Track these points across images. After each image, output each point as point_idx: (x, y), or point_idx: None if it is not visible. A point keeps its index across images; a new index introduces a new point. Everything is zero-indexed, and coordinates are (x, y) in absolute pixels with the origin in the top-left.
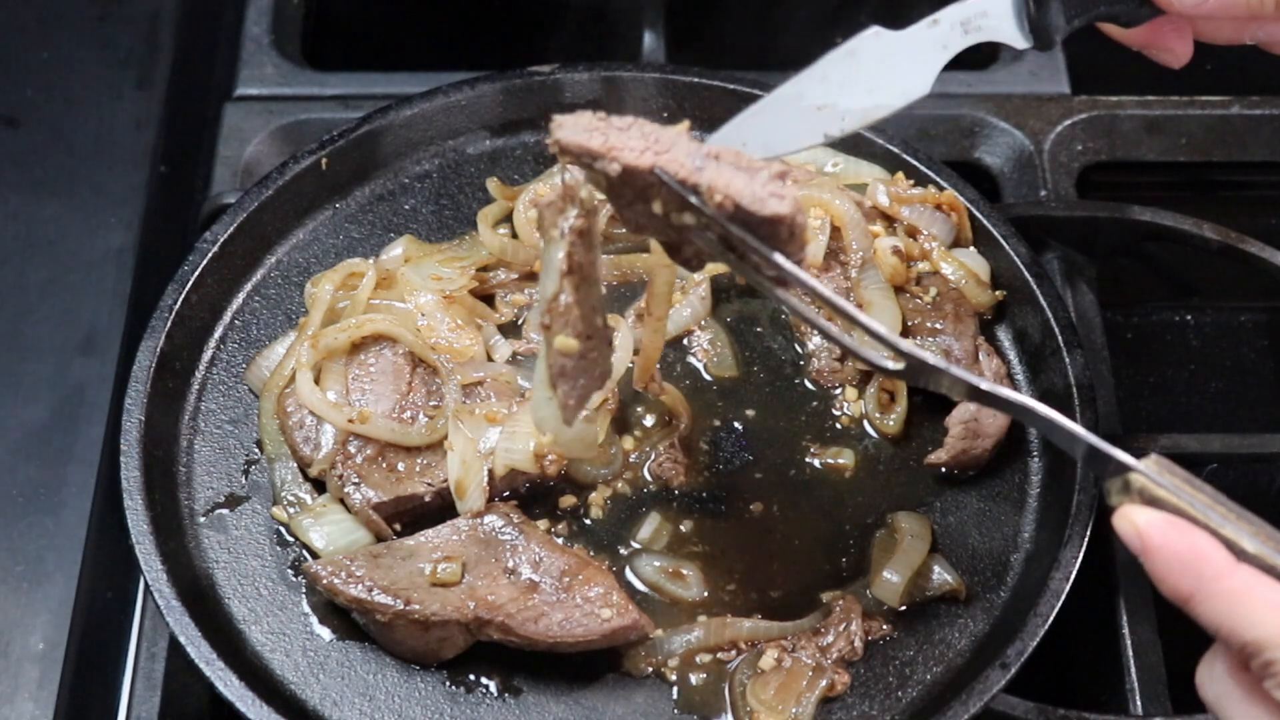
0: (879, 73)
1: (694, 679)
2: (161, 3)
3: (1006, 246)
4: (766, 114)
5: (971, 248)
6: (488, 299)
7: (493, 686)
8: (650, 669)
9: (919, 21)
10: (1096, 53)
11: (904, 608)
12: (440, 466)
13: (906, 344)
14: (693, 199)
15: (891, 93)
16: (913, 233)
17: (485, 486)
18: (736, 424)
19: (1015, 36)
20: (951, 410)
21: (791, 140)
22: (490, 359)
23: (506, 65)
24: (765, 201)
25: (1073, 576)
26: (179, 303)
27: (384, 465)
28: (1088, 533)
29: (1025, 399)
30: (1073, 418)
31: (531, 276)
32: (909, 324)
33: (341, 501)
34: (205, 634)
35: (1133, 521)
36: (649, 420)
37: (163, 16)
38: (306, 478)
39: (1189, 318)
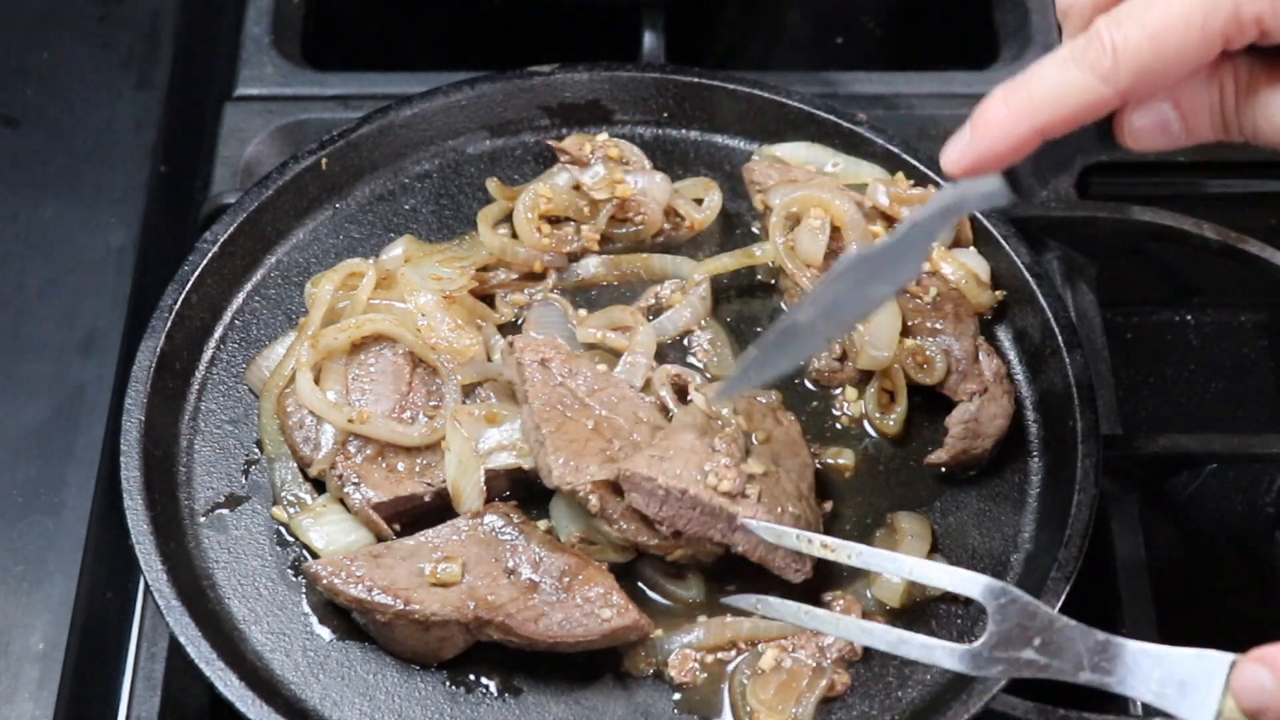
0: (870, 279)
1: (694, 679)
2: (161, 3)
3: (1006, 246)
4: (770, 349)
5: (971, 248)
6: (488, 299)
7: (493, 686)
8: (650, 669)
9: (897, 228)
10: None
11: (904, 608)
12: (440, 467)
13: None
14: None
15: (884, 287)
16: None
17: (483, 488)
18: None
19: (998, 201)
20: (951, 410)
21: (796, 357)
22: (490, 359)
23: (506, 65)
24: (784, 571)
25: (1073, 577)
26: (179, 303)
27: (384, 465)
28: (1088, 533)
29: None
30: (1073, 417)
31: (531, 276)
32: (909, 324)
33: (341, 501)
34: (205, 634)
35: None
36: None
37: (163, 16)
38: (306, 478)
39: (1189, 318)
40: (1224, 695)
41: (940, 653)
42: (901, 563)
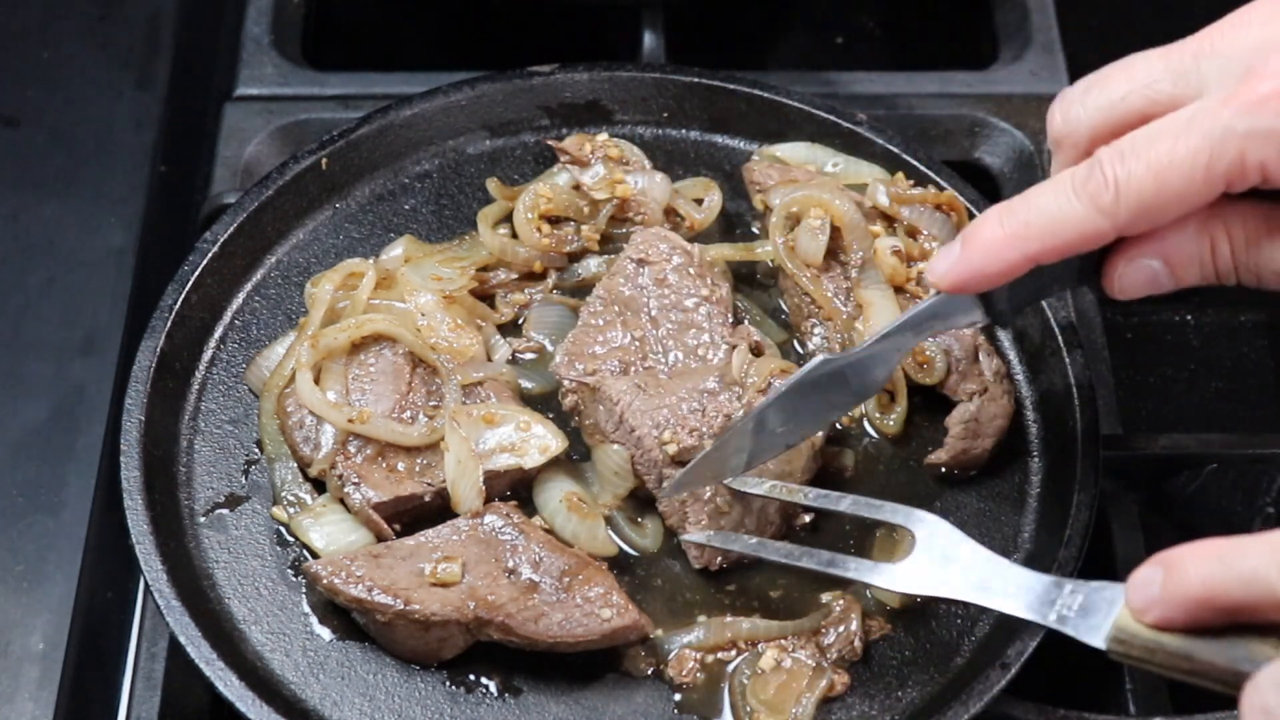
0: (834, 390)
1: (693, 679)
2: (161, 3)
3: None
4: (727, 447)
5: None
6: (488, 299)
7: (493, 686)
8: (650, 669)
9: (870, 341)
10: (1096, 53)
11: (904, 608)
12: (440, 467)
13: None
14: None
15: (847, 403)
16: (913, 233)
17: (482, 488)
18: None
19: (973, 321)
20: (951, 410)
21: (753, 463)
22: (490, 359)
23: (506, 65)
24: (687, 549)
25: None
26: (179, 303)
27: (384, 465)
28: (1088, 533)
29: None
30: (1073, 417)
31: (531, 276)
32: None
33: (341, 501)
34: (205, 634)
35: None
36: None
37: (163, 16)
38: (306, 478)
39: (1189, 318)
40: (1119, 614)
41: (865, 569)
42: (843, 499)
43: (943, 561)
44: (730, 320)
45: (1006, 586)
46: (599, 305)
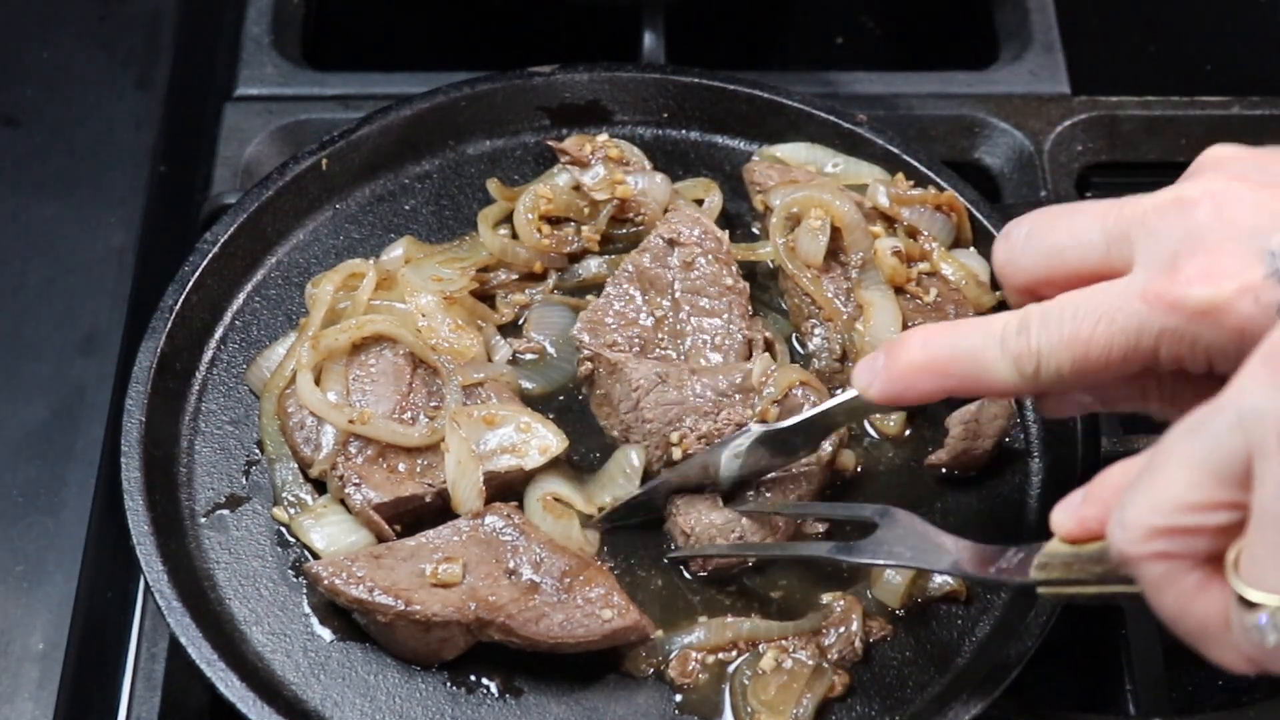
0: (768, 455)
1: (694, 680)
2: (161, 3)
3: None
4: (656, 492)
5: (971, 248)
6: (488, 299)
7: (494, 687)
8: (650, 670)
9: (804, 412)
10: (1096, 53)
11: (905, 609)
12: (441, 467)
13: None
14: None
15: (780, 461)
16: (913, 233)
17: (482, 488)
18: None
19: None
20: (952, 410)
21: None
22: (491, 359)
23: (506, 65)
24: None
25: None
26: (179, 303)
27: (384, 466)
28: None
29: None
30: (1072, 418)
31: (532, 277)
32: (909, 324)
33: (342, 502)
34: (206, 634)
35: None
36: None
37: (163, 16)
38: (307, 478)
39: None
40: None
41: (827, 548)
42: (805, 508)
43: (898, 539)
44: (748, 313)
45: (954, 553)
46: (624, 279)
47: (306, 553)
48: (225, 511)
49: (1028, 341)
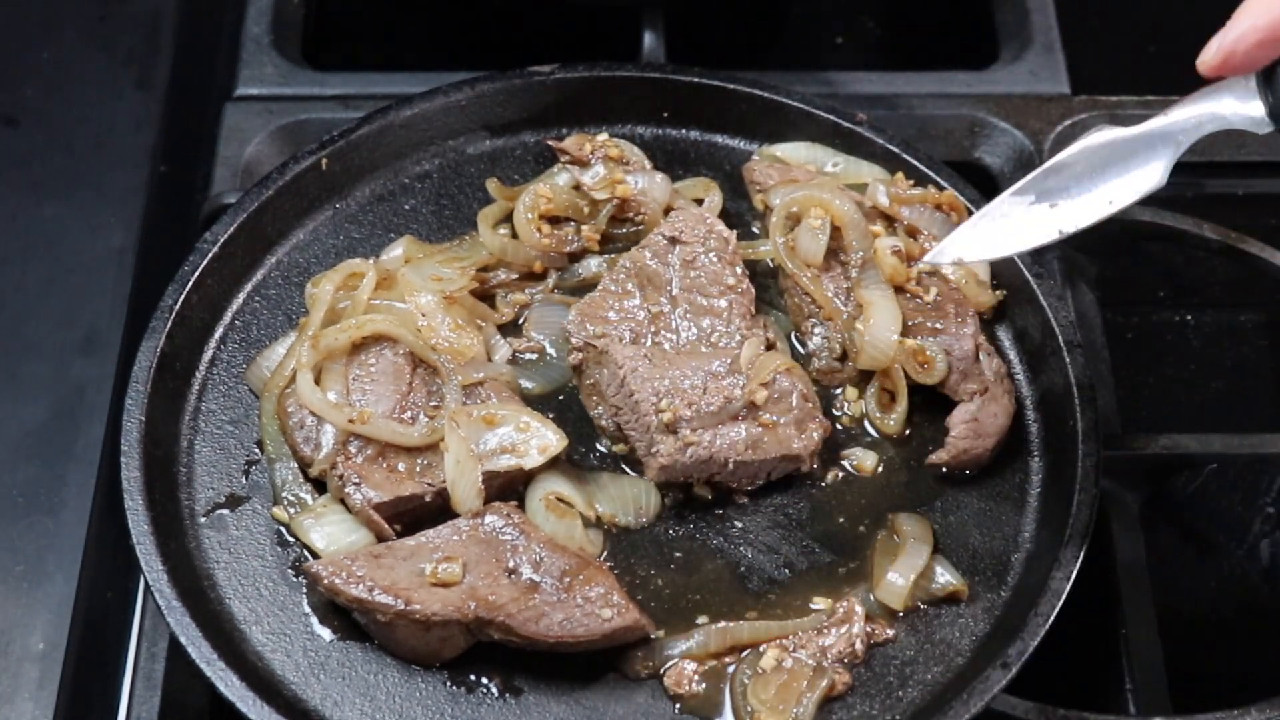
0: (1108, 170)
1: (690, 690)
2: (161, 3)
3: None
4: (993, 218)
5: None
6: (488, 299)
7: (494, 687)
8: (646, 672)
9: (1151, 119)
10: (1097, 53)
11: (905, 610)
12: (441, 467)
13: None
14: None
15: (1123, 189)
16: (913, 233)
17: (481, 488)
18: None
19: (1257, 123)
20: (952, 410)
21: (1023, 240)
22: (491, 359)
23: (506, 65)
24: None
25: (1073, 576)
26: (179, 303)
27: (384, 465)
28: (1088, 533)
29: None
30: (1073, 418)
31: (532, 276)
32: (910, 324)
33: (342, 502)
34: (206, 634)
35: None
36: None
37: (163, 16)
38: (307, 478)
39: (1189, 318)
40: None
41: None
42: None
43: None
44: (752, 314)
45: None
46: (622, 274)
47: (306, 552)
48: (225, 511)
49: None
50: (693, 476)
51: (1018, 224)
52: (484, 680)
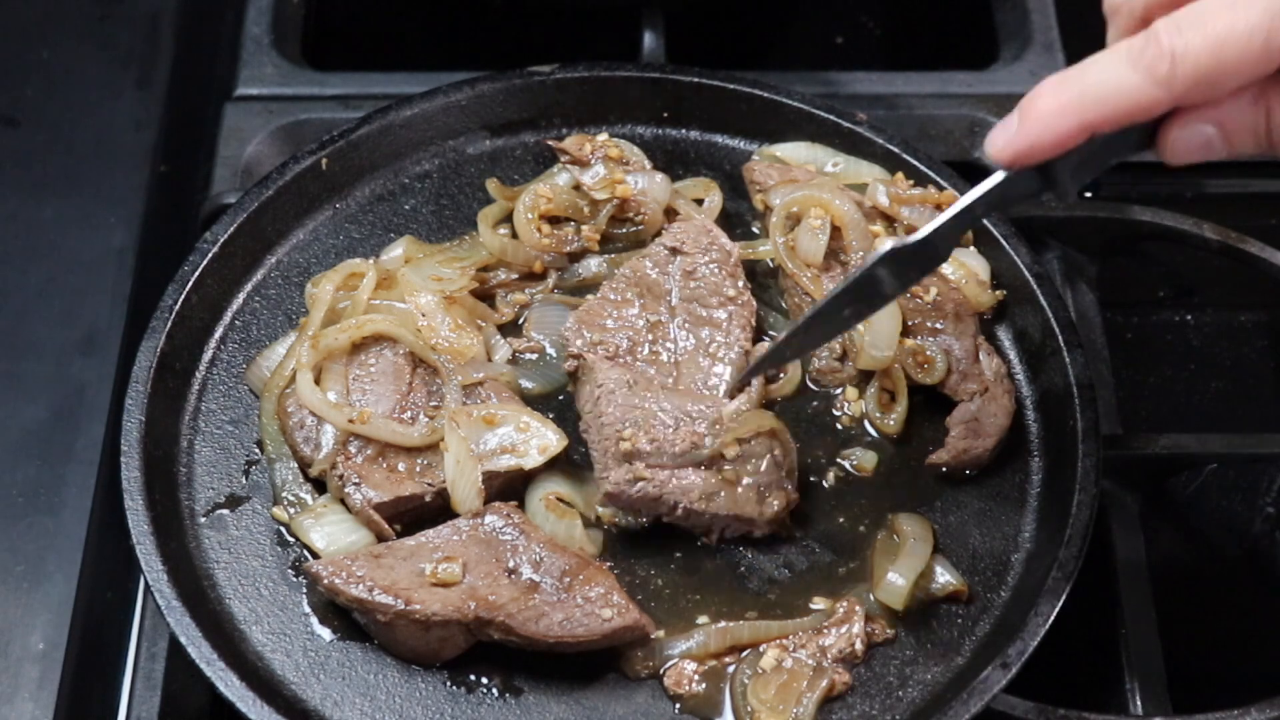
0: (901, 272)
1: (689, 690)
2: (161, 3)
3: (1006, 246)
4: (800, 332)
5: (971, 248)
6: (488, 299)
7: (494, 687)
8: (646, 672)
9: (931, 225)
10: (1096, 53)
11: (905, 610)
12: (441, 467)
13: None
14: None
15: (914, 280)
16: (913, 232)
17: (481, 488)
18: None
19: (1030, 197)
20: (952, 410)
21: (821, 342)
22: (490, 359)
23: (506, 65)
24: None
25: (1073, 576)
26: (179, 303)
27: (384, 465)
28: (1088, 533)
29: None
30: (1073, 417)
31: (532, 276)
32: (909, 324)
33: (342, 502)
34: (206, 634)
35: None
36: None
37: (163, 16)
38: (307, 478)
39: (1189, 318)
40: None
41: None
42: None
43: None
44: (752, 327)
45: None
46: (622, 282)
47: (306, 552)
48: (225, 511)
49: (1159, 47)
50: (641, 512)
51: (822, 325)
52: (484, 680)
